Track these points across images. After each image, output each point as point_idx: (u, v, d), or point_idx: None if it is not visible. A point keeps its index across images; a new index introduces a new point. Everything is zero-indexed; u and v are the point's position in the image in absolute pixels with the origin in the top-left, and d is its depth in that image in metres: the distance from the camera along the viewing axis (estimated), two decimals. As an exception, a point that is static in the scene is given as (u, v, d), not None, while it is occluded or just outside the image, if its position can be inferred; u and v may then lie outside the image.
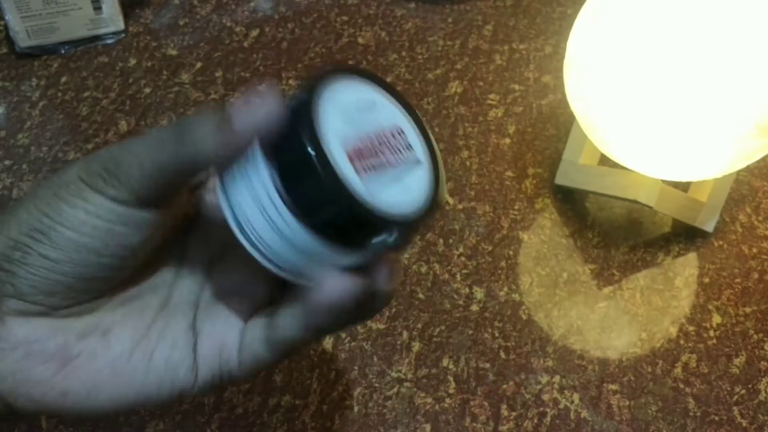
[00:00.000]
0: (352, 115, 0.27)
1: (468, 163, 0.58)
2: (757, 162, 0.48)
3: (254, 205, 0.27)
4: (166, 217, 0.29)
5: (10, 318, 0.27)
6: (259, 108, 0.26)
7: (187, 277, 0.32)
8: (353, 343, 0.49)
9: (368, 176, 0.26)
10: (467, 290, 0.52)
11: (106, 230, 0.27)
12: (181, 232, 0.32)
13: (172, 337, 0.30)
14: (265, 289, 0.32)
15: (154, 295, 0.31)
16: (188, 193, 0.32)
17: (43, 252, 0.27)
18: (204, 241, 0.33)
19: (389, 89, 0.29)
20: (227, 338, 0.30)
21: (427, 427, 0.46)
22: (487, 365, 0.48)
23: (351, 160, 0.26)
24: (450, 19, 0.68)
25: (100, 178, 0.27)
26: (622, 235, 0.55)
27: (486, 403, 0.47)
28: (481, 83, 0.63)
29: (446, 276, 0.52)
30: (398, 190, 0.27)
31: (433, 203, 0.28)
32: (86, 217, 0.27)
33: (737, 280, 0.53)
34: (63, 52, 0.64)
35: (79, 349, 0.28)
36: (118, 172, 0.27)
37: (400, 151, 0.28)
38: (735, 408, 0.47)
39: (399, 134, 0.28)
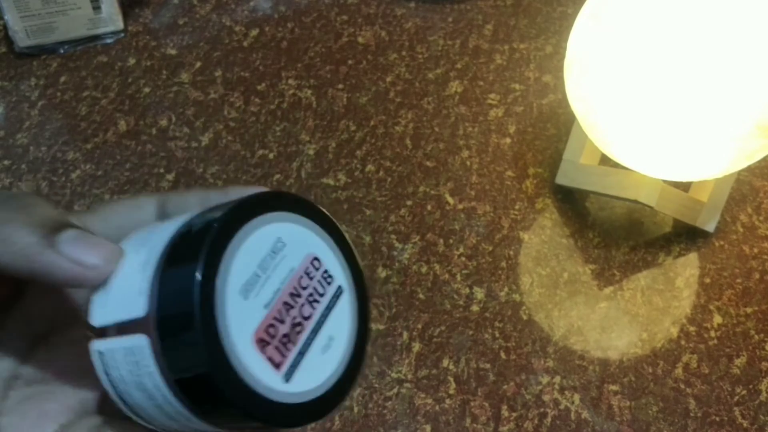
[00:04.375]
0: (253, 280, 0.23)
1: (468, 163, 0.58)
2: (758, 162, 0.48)
3: (146, 399, 0.23)
4: None
5: None
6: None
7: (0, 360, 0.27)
8: (353, 344, 0.49)
9: (284, 357, 0.23)
10: (467, 290, 0.52)
11: None
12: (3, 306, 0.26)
13: None
14: (92, 389, 0.26)
15: None
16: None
17: None
18: (26, 318, 0.27)
19: (297, 207, 0.25)
20: None
21: (428, 427, 0.46)
22: (488, 366, 0.48)
23: (261, 346, 0.23)
24: (450, 19, 0.68)
25: None
26: (622, 235, 0.55)
27: (486, 404, 0.47)
28: (481, 83, 0.63)
29: (446, 276, 0.52)
30: (317, 358, 0.24)
31: (359, 353, 0.26)
32: None
33: (738, 281, 0.53)
34: (62, 51, 0.64)
35: None
36: None
37: (318, 293, 0.25)
38: (736, 408, 0.47)
39: (314, 269, 0.25)
